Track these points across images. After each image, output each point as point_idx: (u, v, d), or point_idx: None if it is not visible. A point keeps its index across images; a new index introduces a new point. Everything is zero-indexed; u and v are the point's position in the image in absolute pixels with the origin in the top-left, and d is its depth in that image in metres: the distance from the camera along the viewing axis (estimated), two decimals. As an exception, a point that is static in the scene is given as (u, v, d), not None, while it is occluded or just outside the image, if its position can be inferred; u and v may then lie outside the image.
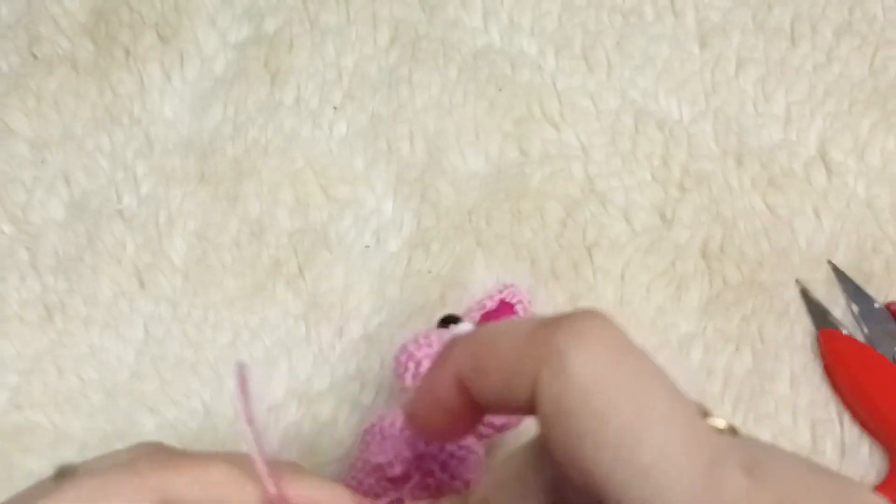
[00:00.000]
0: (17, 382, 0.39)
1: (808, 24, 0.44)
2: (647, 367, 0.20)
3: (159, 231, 0.42)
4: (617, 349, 0.20)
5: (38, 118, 0.45)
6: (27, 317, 0.40)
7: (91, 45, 0.46)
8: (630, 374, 0.20)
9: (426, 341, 0.32)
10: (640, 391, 0.19)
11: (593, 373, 0.19)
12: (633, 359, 0.20)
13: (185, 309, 0.40)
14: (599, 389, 0.19)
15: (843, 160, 0.41)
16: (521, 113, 0.43)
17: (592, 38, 0.45)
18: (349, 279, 0.40)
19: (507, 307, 0.37)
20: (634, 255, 0.40)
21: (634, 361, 0.20)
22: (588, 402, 0.19)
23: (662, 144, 0.42)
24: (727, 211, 0.40)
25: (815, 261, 0.39)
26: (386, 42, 0.46)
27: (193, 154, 0.43)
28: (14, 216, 0.43)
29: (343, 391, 0.38)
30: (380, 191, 0.42)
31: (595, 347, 0.20)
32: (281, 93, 0.44)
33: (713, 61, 0.44)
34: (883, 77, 0.43)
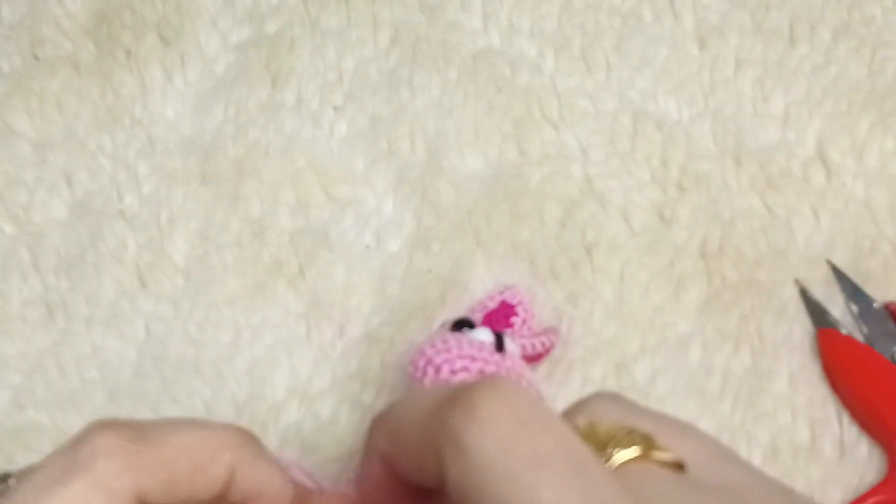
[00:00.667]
0: (19, 382, 0.39)
1: (806, 25, 0.44)
2: (548, 439, 0.19)
3: (161, 231, 0.42)
4: (516, 423, 0.19)
5: (41, 119, 0.45)
6: (29, 316, 0.41)
7: (93, 46, 0.46)
8: (531, 449, 0.19)
9: (444, 346, 0.32)
10: (540, 466, 0.18)
11: (493, 452, 0.19)
12: (532, 432, 0.19)
13: (187, 308, 0.40)
14: (500, 469, 0.19)
15: (841, 160, 0.41)
16: (521, 114, 0.43)
17: (591, 39, 0.45)
18: (350, 278, 0.40)
19: (508, 307, 0.37)
20: (633, 255, 0.40)
21: (534, 434, 0.19)
22: (489, 484, 0.19)
23: (661, 145, 0.42)
24: (725, 211, 0.41)
25: (813, 260, 0.40)
26: (386, 44, 0.46)
27: (195, 154, 0.44)
28: (16, 216, 0.43)
29: (344, 390, 0.38)
30: (380, 191, 0.42)
31: (491, 424, 0.19)
32: (282, 94, 0.45)
33: (711, 62, 0.44)
34: (881, 78, 0.43)
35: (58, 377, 0.39)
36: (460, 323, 0.34)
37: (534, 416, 0.20)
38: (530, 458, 0.19)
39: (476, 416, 0.19)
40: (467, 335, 0.33)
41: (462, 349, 0.31)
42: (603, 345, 0.38)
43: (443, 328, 0.35)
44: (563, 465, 0.19)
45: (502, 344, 0.33)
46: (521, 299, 0.37)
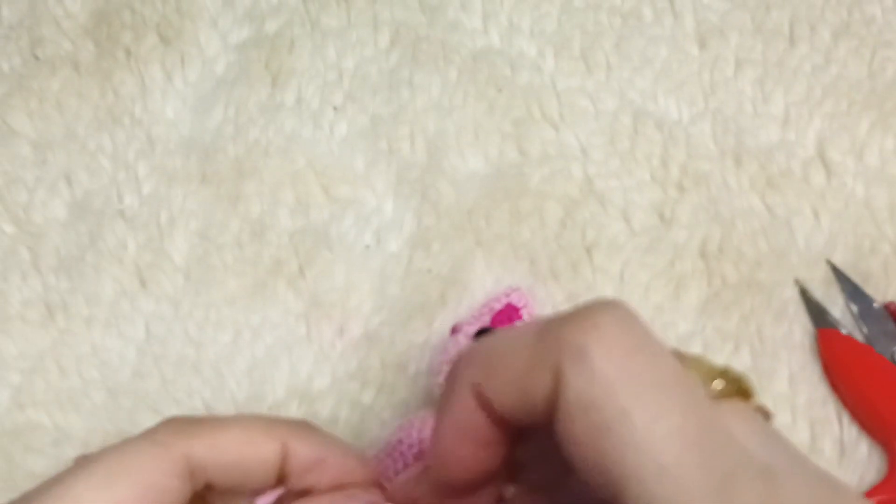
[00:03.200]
0: (19, 382, 0.39)
1: (806, 25, 0.44)
2: (666, 364, 0.20)
3: (161, 231, 0.42)
4: (636, 344, 0.20)
5: (41, 119, 0.45)
6: (29, 316, 0.41)
7: (93, 46, 0.46)
8: (651, 372, 0.19)
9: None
10: (660, 390, 0.19)
11: (617, 368, 0.19)
12: (651, 354, 0.20)
13: (187, 308, 0.40)
14: (623, 386, 0.19)
15: (841, 160, 0.41)
16: (521, 113, 0.43)
17: (591, 39, 0.45)
18: (350, 278, 0.40)
19: (513, 310, 0.37)
20: (633, 255, 0.40)
21: (653, 357, 0.20)
22: (612, 397, 0.19)
23: (661, 145, 0.42)
24: (726, 211, 0.41)
25: (813, 260, 0.40)
26: (386, 44, 0.46)
27: (195, 154, 0.44)
28: (16, 216, 0.43)
29: (343, 390, 0.38)
30: (380, 191, 0.42)
31: (615, 342, 0.19)
32: (282, 94, 0.45)
33: (712, 62, 0.44)
34: (881, 78, 0.43)
35: (58, 377, 0.39)
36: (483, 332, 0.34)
37: (651, 341, 0.20)
38: (652, 381, 0.19)
39: (601, 332, 0.19)
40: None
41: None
42: (603, 345, 0.38)
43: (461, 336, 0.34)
44: (681, 394, 0.19)
45: None
46: (526, 302, 0.37)
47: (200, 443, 0.25)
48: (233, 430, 0.26)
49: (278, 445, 0.26)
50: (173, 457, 0.24)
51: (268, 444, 0.26)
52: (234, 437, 0.26)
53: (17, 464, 0.38)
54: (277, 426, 0.27)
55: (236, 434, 0.26)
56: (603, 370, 0.19)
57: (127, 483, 0.24)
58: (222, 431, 0.25)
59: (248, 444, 0.26)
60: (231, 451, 0.25)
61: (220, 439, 0.25)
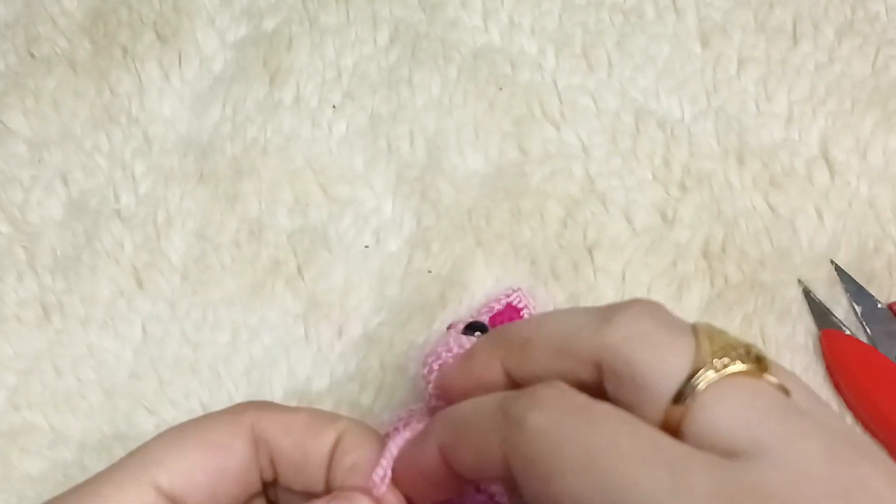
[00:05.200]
0: (14, 383, 0.39)
1: (809, 23, 0.44)
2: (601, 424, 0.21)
3: (158, 230, 0.42)
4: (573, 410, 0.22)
5: (36, 117, 0.44)
6: (25, 317, 0.40)
7: (89, 44, 0.46)
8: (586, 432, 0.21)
9: (460, 349, 0.31)
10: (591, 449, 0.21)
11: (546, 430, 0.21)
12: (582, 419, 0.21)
13: (184, 308, 0.40)
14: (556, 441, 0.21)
15: (845, 159, 0.41)
16: (522, 112, 0.43)
17: (593, 37, 0.45)
18: (349, 279, 0.40)
19: (514, 311, 0.37)
20: (635, 255, 0.40)
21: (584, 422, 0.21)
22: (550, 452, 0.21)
23: (663, 143, 0.42)
24: (728, 210, 0.40)
25: (816, 260, 0.39)
26: (386, 42, 0.45)
27: (192, 153, 0.43)
28: (11, 216, 0.42)
29: (342, 391, 0.38)
30: (379, 190, 0.42)
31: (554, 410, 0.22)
32: (280, 92, 0.44)
33: (714, 60, 0.44)
34: (885, 76, 0.43)
35: (54, 378, 0.39)
36: (473, 326, 0.34)
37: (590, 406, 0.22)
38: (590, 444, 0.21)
39: (541, 405, 0.22)
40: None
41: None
42: (604, 346, 0.38)
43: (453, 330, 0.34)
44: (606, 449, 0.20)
45: None
46: (526, 303, 0.37)
47: (269, 417, 0.27)
48: (301, 412, 0.28)
49: (336, 435, 0.27)
50: (240, 422, 0.27)
51: (328, 431, 0.27)
52: (302, 418, 0.27)
53: (13, 465, 0.37)
54: (340, 419, 0.28)
55: (304, 416, 0.27)
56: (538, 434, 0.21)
57: (194, 441, 0.26)
58: (292, 413, 0.27)
59: (312, 427, 0.27)
60: (296, 430, 0.27)
61: (288, 418, 0.27)
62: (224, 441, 0.26)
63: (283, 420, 0.27)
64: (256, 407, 0.27)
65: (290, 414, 0.27)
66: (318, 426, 0.27)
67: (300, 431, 0.27)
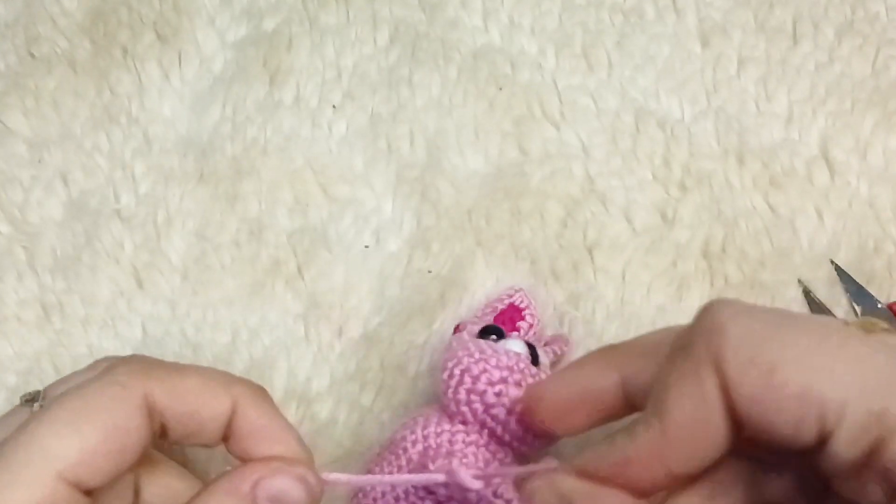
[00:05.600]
0: (15, 383, 0.39)
1: (809, 23, 0.44)
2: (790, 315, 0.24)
3: (158, 230, 0.41)
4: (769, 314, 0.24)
5: (37, 117, 0.44)
6: (25, 317, 0.40)
7: (89, 44, 0.46)
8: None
9: (481, 355, 0.31)
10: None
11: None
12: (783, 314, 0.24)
13: (184, 309, 0.40)
14: (778, 334, 0.22)
15: (845, 159, 0.41)
16: (522, 112, 0.43)
17: (593, 37, 0.44)
18: (349, 279, 0.40)
19: (516, 311, 0.37)
20: (635, 255, 0.40)
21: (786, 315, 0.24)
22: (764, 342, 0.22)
23: (663, 143, 0.42)
24: (728, 210, 0.40)
25: (817, 260, 0.39)
26: (385, 42, 0.45)
27: (192, 153, 0.43)
28: (12, 216, 0.42)
29: (342, 391, 0.38)
30: (379, 190, 0.42)
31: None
32: (280, 92, 0.44)
33: (714, 60, 0.44)
34: (885, 76, 0.43)
35: (54, 378, 0.39)
36: (487, 330, 0.34)
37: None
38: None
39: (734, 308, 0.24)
40: (502, 345, 0.32)
41: (500, 360, 0.31)
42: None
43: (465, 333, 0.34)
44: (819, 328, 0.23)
45: (537, 357, 0.32)
46: (529, 304, 0.37)
47: (160, 385, 0.26)
48: (192, 378, 0.27)
49: (231, 402, 0.27)
50: (133, 396, 0.25)
51: (222, 399, 0.27)
52: (193, 385, 0.27)
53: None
54: (235, 384, 0.28)
55: (195, 383, 0.27)
56: (752, 331, 0.23)
57: (91, 426, 0.25)
58: (181, 378, 0.26)
59: (204, 395, 0.26)
60: (188, 398, 0.26)
61: (179, 386, 0.26)
62: (123, 423, 0.25)
63: (176, 389, 0.26)
64: (144, 373, 0.26)
65: (179, 379, 0.26)
66: (211, 393, 0.27)
67: (193, 399, 0.26)
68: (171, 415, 0.26)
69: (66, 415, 0.25)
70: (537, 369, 0.32)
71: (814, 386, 0.21)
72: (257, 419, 0.27)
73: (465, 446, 0.30)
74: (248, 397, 0.28)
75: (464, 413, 0.31)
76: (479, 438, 0.31)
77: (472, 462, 0.30)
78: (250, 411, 0.27)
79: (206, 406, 0.27)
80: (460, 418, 0.31)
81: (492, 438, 0.31)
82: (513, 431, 0.31)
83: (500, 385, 0.30)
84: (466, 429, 0.31)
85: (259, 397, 0.28)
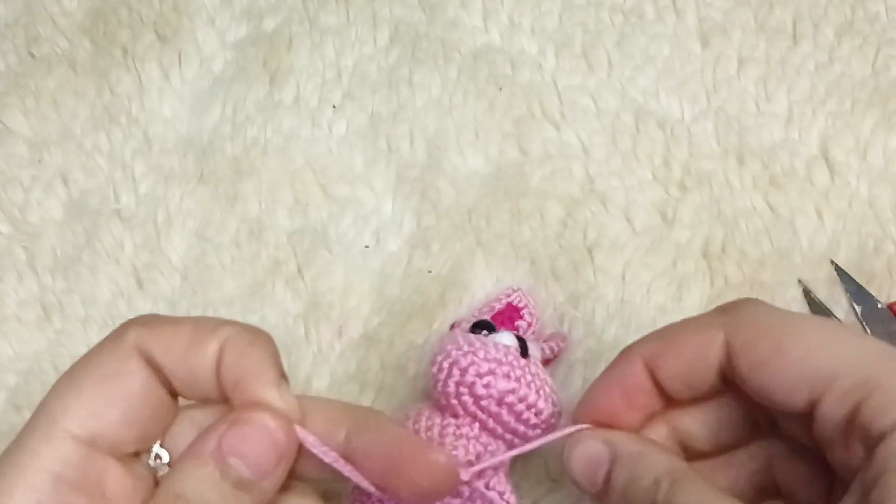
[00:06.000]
0: (15, 383, 0.39)
1: (809, 23, 0.44)
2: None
3: (158, 230, 0.41)
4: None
5: (37, 117, 0.44)
6: (25, 317, 0.40)
7: (89, 44, 0.46)
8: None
9: (470, 348, 0.31)
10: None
11: (767, 311, 0.27)
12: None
13: (184, 309, 0.40)
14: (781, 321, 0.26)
15: (845, 159, 0.41)
16: (522, 112, 0.43)
17: (593, 37, 0.44)
18: (349, 279, 0.40)
19: (514, 310, 0.37)
20: (635, 255, 0.40)
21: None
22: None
23: (663, 144, 0.42)
24: (728, 210, 0.40)
25: (816, 260, 0.39)
26: (385, 42, 0.45)
27: (192, 153, 0.43)
28: (12, 216, 0.42)
29: (342, 391, 0.38)
30: (379, 190, 0.42)
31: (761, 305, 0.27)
32: (280, 92, 0.44)
33: (714, 60, 0.44)
34: (885, 76, 0.43)
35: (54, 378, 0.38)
36: (479, 325, 0.34)
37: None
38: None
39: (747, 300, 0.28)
40: (491, 338, 0.32)
41: (488, 353, 0.31)
42: (605, 346, 0.38)
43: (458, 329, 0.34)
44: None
45: (527, 350, 0.32)
46: (527, 303, 0.37)
47: (152, 334, 0.25)
48: (184, 325, 0.26)
49: (217, 347, 0.25)
50: (124, 346, 0.25)
51: (209, 343, 0.25)
52: (185, 330, 0.26)
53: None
54: (224, 326, 0.26)
55: (187, 328, 0.26)
56: (761, 314, 0.26)
57: (88, 380, 0.25)
58: (174, 326, 0.26)
59: (194, 340, 0.25)
60: (179, 344, 0.25)
61: (170, 332, 0.26)
62: (115, 369, 0.25)
63: (166, 335, 0.25)
64: (140, 323, 0.26)
65: (172, 327, 0.26)
66: (199, 338, 0.25)
67: (183, 346, 0.25)
68: (165, 364, 0.25)
69: (66, 380, 0.25)
70: (526, 361, 0.32)
71: (809, 358, 0.24)
72: (240, 365, 0.25)
73: (456, 438, 0.30)
74: (235, 341, 0.25)
75: (454, 406, 0.31)
76: (469, 431, 0.31)
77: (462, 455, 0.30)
78: (233, 357, 0.25)
79: (193, 352, 0.25)
80: (451, 411, 0.31)
81: (483, 430, 0.31)
82: (503, 423, 0.31)
83: (488, 377, 0.30)
84: (457, 421, 0.31)
85: (247, 340, 0.26)
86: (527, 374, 0.31)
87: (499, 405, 0.31)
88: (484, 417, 0.31)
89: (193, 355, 0.25)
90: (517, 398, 0.31)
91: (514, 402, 0.31)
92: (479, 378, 0.30)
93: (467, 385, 0.31)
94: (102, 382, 0.25)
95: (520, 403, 0.31)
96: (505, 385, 0.30)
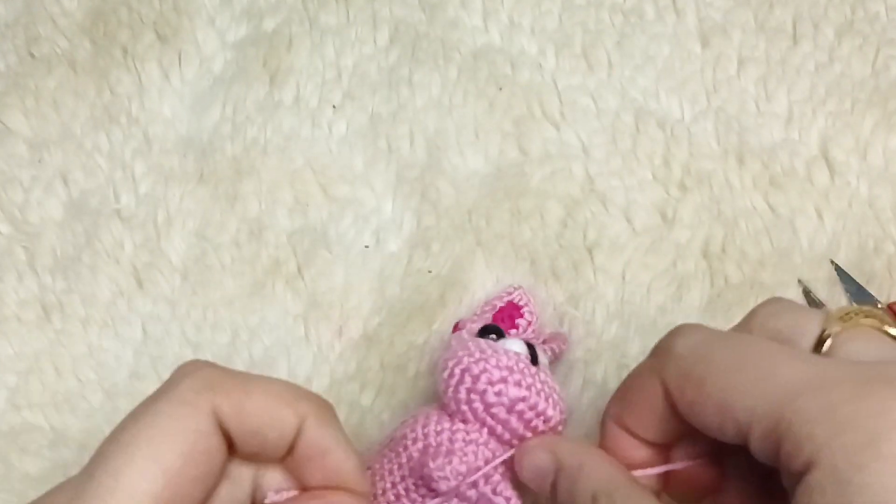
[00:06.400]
0: (15, 383, 0.39)
1: (809, 23, 0.44)
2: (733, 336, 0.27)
3: (158, 230, 0.41)
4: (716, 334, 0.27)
5: (37, 117, 0.44)
6: (25, 317, 0.40)
7: (89, 44, 0.46)
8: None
9: (481, 355, 0.31)
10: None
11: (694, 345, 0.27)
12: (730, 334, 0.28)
13: (184, 309, 0.40)
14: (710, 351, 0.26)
15: (844, 159, 0.41)
16: (522, 112, 0.43)
17: (593, 37, 0.44)
18: (349, 279, 0.40)
19: (514, 308, 0.37)
20: (635, 255, 0.40)
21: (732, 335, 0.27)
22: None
23: (663, 144, 0.42)
24: (728, 210, 0.40)
25: (817, 260, 0.39)
26: (386, 42, 0.45)
27: (192, 153, 0.43)
28: (12, 216, 0.42)
29: (342, 391, 0.38)
30: (379, 190, 0.42)
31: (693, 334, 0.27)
32: (280, 92, 0.44)
33: (714, 60, 0.44)
34: (885, 76, 0.43)
35: (54, 378, 0.39)
36: (487, 329, 0.34)
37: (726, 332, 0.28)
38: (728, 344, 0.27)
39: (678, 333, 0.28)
40: (501, 344, 0.32)
41: (500, 360, 0.31)
42: (604, 346, 0.38)
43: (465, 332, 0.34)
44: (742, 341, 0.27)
45: (536, 357, 0.32)
46: (527, 301, 0.37)
47: (226, 401, 0.25)
48: (257, 394, 0.26)
49: (297, 421, 0.26)
50: (204, 417, 0.24)
51: (288, 418, 0.26)
52: (258, 402, 0.25)
53: (14, 466, 0.37)
54: (301, 400, 0.26)
55: (260, 400, 0.26)
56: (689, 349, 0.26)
57: (172, 457, 0.24)
58: (247, 395, 0.25)
59: (270, 413, 0.25)
60: (253, 417, 0.25)
61: (245, 403, 0.25)
62: (201, 445, 0.25)
63: (240, 405, 0.25)
64: (210, 389, 0.25)
65: (245, 396, 0.25)
66: (276, 411, 0.26)
67: (258, 419, 0.25)
68: (236, 433, 0.25)
69: (144, 450, 0.24)
70: (536, 369, 0.32)
71: (728, 399, 0.25)
72: (319, 441, 0.26)
73: (465, 445, 0.30)
74: (314, 416, 0.26)
75: (464, 412, 0.31)
76: (479, 437, 0.31)
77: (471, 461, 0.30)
78: (314, 432, 0.26)
79: (272, 425, 0.26)
80: (460, 417, 0.31)
81: (492, 437, 0.31)
82: (512, 430, 0.31)
83: (500, 385, 0.31)
84: (466, 427, 0.31)
85: (325, 417, 0.27)
86: (537, 383, 0.31)
87: (509, 412, 0.31)
88: (493, 424, 0.31)
89: (270, 428, 0.26)
90: (527, 406, 0.31)
91: (524, 410, 0.31)
92: (491, 385, 0.30)
93: (479, 392, 0.31)
94: (186, 461, 0.24)
95: (530, 411, 0.31)
96: (516, 393, 0.30)
